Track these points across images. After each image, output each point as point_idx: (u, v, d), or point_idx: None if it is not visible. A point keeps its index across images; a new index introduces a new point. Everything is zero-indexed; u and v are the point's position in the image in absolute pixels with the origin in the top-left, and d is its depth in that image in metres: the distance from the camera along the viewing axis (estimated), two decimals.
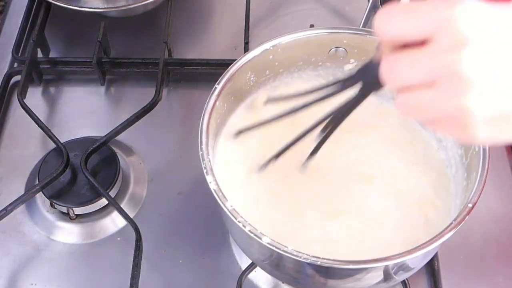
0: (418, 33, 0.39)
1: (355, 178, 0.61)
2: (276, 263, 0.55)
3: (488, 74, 0.38)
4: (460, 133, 0.41)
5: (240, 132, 0.60)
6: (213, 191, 0.53)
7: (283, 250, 0.50)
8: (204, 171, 0.54)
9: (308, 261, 0.49)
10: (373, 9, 0.68)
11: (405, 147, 0.64)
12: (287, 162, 0.62)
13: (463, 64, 0.38)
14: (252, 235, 0.50)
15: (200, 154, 0.55)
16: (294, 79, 0.67)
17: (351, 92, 0.49)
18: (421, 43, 0.39)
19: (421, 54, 0.39)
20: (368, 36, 0.63)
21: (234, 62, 0.61)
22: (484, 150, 0.55)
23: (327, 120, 0.53)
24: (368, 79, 0.47)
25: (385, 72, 0.41)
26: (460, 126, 0.40)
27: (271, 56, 0.63)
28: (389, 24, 0.40)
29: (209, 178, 0.53)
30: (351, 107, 0.51)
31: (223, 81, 0.60)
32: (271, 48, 0.62)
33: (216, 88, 0.59)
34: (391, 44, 0.41)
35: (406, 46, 0.40)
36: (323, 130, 0.54)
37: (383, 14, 0.40)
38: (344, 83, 0.49)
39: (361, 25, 0.69)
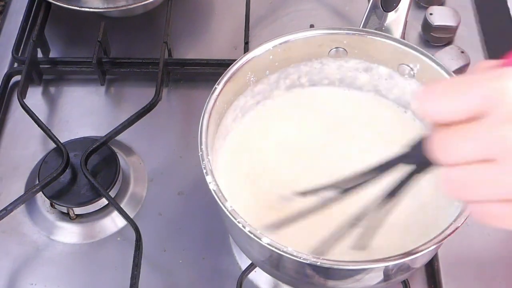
0: (468, 110, 0.36)
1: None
2: (275, 263, 0.55)
3: None
4: (510, 219, 0.37)
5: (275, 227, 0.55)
6: (212, 192, 0.53)
7: (282, 251, 0.50)
8: (204, 171, 0.54)
9: (308, 261, 0.49)
10: (373, 9, 0.68)
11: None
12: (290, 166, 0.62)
13: None
14: (251, 235, 0.50)
15: (199, 154, 0.55)
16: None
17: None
18: (469, 120, 0.36)
19: (477, 128, 0.36)
20: (368, 36, 0.63)
21: (234, 63, 0.61)
22: None
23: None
24: (416, 160, 0.43)
25: (437, 148, 0.38)
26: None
27: (271, 56, 0.63)
28: (435, 105, 0.37)
29: (208, 179, 0.53)
30: (398, 189, 0.46)
31: (223, 81, 0.60)
32: (271, 48, 0.62)
33: (216, 88, 0.59)
34: (440, 121, 0.38)
35: (454, 123, 0.37)
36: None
37: (427, 95, 0.37)
38: (388, 166, 0.45)
39: (361, 25, 0.69)
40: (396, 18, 0.68)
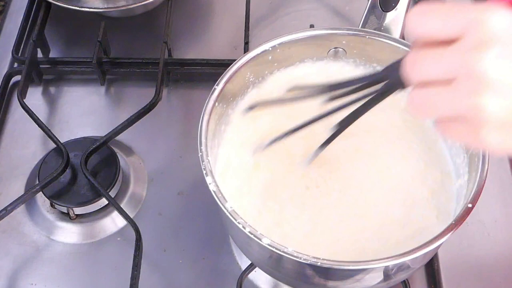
0: (447, 32, 0.40)
1: (356, 180, 0.61)
2: (275, 264, 0.55)
3: (508, 78, 0.38)
4: (469, 136, 0.40)
5: (251, 108, 0.59)
6: (212, 192, 0.53)
7: (283, 251, 0.50)
8: (204, 172, 0.54)
9: (308, 262, 0.49)
10: (372, 9, 0.68)
11: (408, 146, 0.63)
12: (287, 161, 0.62)
13: (484, 64, 0.37)
14: (252, 236, 0.50)
15: (199, 155, 0.55)
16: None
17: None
18: (450, 42, 0.40)
19: (445, 51, 0.39)
20: (367, 36, 0.63)
21: (233, 63, 0.61)
22: (483, 150, 0.55)
23: (338, 113, 0.52)
24: (392, 77, 0.47)
25: (408, 65, 0.42)
26: (471, 128, 0.40)
27: (270, 57, 0.63)
28: (420, 22, 0.40)
29: (208, 179, 0.53)
30: (370, 105, 0.50)
31: (222, 82, 0.60)
32: (270, 49, 0.62)
33: (215, 89, 0.59)
34: (421, 42, 0.41)
35: (435, 45, 0.41)
36: (338, 125, 0.53)
37: (416, 12, 0.41)
38: (367, 81, 0.49)
39: (360, 25, 0.69)
40: (395, 18, 0.68)
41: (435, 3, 0.40)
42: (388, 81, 0.47)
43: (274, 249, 0.50)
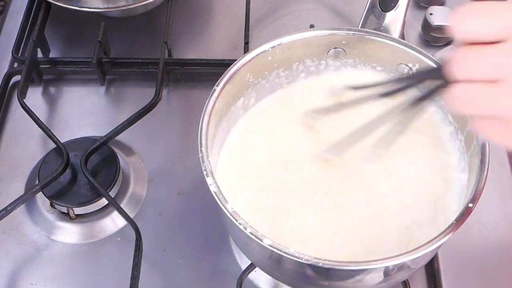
0: (493, 34, 0.40)
1: (358, 181, 0.61)
2: (276, 264, 0.55)
3: None
4: (505, 137, 0.41)
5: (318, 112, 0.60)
6: (213, 193, 0.53)
7: (284, 252, 0.49)
8: (204, 173, 0.54)
9: (309, 262, 0.49)
10: (372, 9, 0.68)
11: (410, 147, 0.63)
12: (290, 161, 0.62)
13: None
14: (253, 237, 0.50)
15: (200, 156, 0.55)
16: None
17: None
18: (495, 43, 0.40)
19: (492, 50, 0.40)
20: (367, 36, 0.63)
21: (233, 64, 0.61)
22: (483, 150, 0.55)
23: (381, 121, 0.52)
24: (437, 76, 0.46)
25: (455, 63, 0.42)
26: (508, 129, 0.40)
27: (270, 57, 0.63)
28: (465, 23, 0.40)
29: (209, 180, 0.53)
30: (417, 104, 0.50)
31: (222, 82, 0.60)
32: (269, 49, 0.62)
33: (215, 90, 0.59)
34: (465, 42, 0.41)
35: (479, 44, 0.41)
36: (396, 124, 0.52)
37: (460, 14, 0.41)
38: (410, 81, 0.49)
39: (360, 25, 0.69)
40: (394, 18, 0.68)
41: (480, 3, 0.40)
42: (435, 80, 0.47)
43: (275, 250, 0.50)
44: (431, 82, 0.47)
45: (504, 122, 0.41)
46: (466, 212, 0.52)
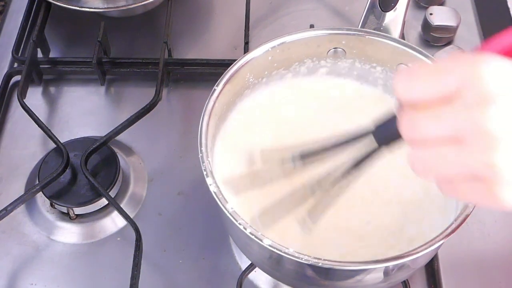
0: (441, 92, 0.38)
1: (359, 182, 0.61)
2: (276, 264, 0.55)
3: None
4: (483, 195, 0.39)
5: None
6: (213, 194, 0.53)
7: (284, 252, 0.49)
8: (204, 173, 0.54)
9: (309, 262, 0.49)
10: (371, 9, 0.69)
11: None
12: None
13: (490, 121, 0.36)
14: (253, 237, 0.50)
15: (200, 156, 0.55)
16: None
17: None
18: (442, 101, 0.38)
19: (446, 110, 0.38)
20: (367, 36, 0.63)
21: (233, 64, 0.61)
22: None
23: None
24: (385, 134, 0.45)
25: (405, 125, 0.40)
26: (485, 187, 0.38)
27: (270, 57, 0.63)
28: (410, 86, 0.39)
29: (209, 181, 0.53)
30: (363, 161, 0.48)
31: (222, 82, 0.60)
32: (269, 49, 0.62)
33: (215, 90, 0.59)
34: (414, 104, 0.40)
35: (425, 104, 0.39)
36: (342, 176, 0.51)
37: (404, 77, 0.39)
38: (358, 138, 0.48)
39: (360, 25, 0.69)
40: (394, 18, 0.68)
41: (418, 65, 0.39)
42: (382, 139, 0.45)
43: (275, 250, 0.50)
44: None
45: (479, 181, 0.38)
46: (466, 212, 0.52)
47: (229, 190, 0.56)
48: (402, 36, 0.70)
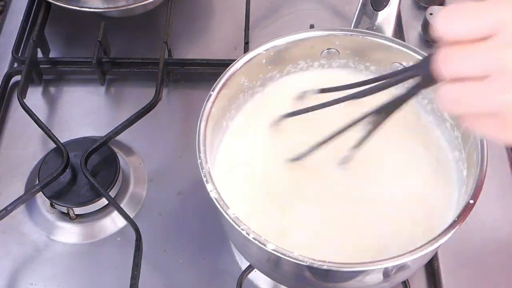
0: (478, 32, 0.40)
1: (358, 179, 0.61)
2: (276, 267, 0.55)
3: None
4: (500, 131, 0.41)
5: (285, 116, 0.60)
6: (214, 200, 0.52)
7: (285, 255, 0.49)
8: (204, 179, 0.53)
9: (308, 264, 0.49)
10: (364, 9, 0.69)
11: (410, 146, 0.63)
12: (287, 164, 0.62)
13: None
14: (256, 242, 0.50)
15: (199, 162, 0.54)
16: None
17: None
18: (478, 40, 0.40)
19: (478, 48, 0.40)
20: (360, 36, 0.63)
21: (228, 68, 0.61)
22: (482, 144, 0.55)
23: (363, 119, 0.52)
24: (423, 73, 0.46)
25: (440, 61, 0.42)
26: (502, 123, 0.41)
27: (264, 60, 0.63)
28: (450, 24, 0.41)
29: (209, 187, 0.53)
30: (399, 103, 0.50)
31: (217, 87, 0.59)
32: (263, 52, 0.62)
33: (211, 95, 0.59)
34: (452, 40, 0.42)
35: (464, 42, 0.41)
36: (368, 124, 0.53)
37: (445, 14, 0.41)
38: (396, 78, 0.49)
39: (353, 25, 0.69)
40: (387, 17, 0.68)
41: (462, 3, 0.40)
42: (419, 77, 0.46)
43: (279, 254, 0.49)
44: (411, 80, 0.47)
45: (497, 117, 0.41)
46: (466, 209, 0.51)
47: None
48: (396, 34, 0.69)
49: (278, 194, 0.60)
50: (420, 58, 0.59)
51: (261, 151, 0.63)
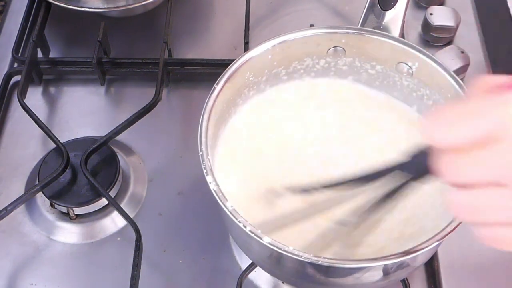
0: (476, 136, 0.36)
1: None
2: (276, 262, 0.55)
3: None
4: None
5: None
6: (213, 191, 0.53)
7: (283, 250, 0.50)
8: (204, 171, 0.54)
9: (309, 260, 0.49)
10: (371, 8, 0.69)
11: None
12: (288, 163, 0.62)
13: None
14: (252, 235, 0.50)
15: (200, 154, 0.55)
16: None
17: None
18: (478, 143, 0.36)
19: (489, 153, 0.36)
20: (366, 35, 0.63)
21: (233, 63, 0.61)
22: None
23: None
24: (415, 170, 0.43)
25: (446, 169, 0.38)
26: None
27: (269, 56, 0.63)
28: (443, 133, 0.37)
29: (209, 179, 0.53)
30: (390, 196, 0.47)
31: (222, 81, 0.60)
32: (270, 48, 0.62)
33: (215, 88, 0.59)
34: (447, 147, 0.38)
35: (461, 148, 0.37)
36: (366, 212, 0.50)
37: (433, 123, 0.37)
38: (385, 173, 0.46)
39: (360, 24, 0.69)
40: (394, 17, 0.68)
41: (449, 108, 0.37)
42: (417, 173, 0.43)
43: (275, 248, 0.50)
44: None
45: (509, 226, 0.37)
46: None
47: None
48: (402, 35, 0.70)
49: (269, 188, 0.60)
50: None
51: (262, 147, 0.63)
